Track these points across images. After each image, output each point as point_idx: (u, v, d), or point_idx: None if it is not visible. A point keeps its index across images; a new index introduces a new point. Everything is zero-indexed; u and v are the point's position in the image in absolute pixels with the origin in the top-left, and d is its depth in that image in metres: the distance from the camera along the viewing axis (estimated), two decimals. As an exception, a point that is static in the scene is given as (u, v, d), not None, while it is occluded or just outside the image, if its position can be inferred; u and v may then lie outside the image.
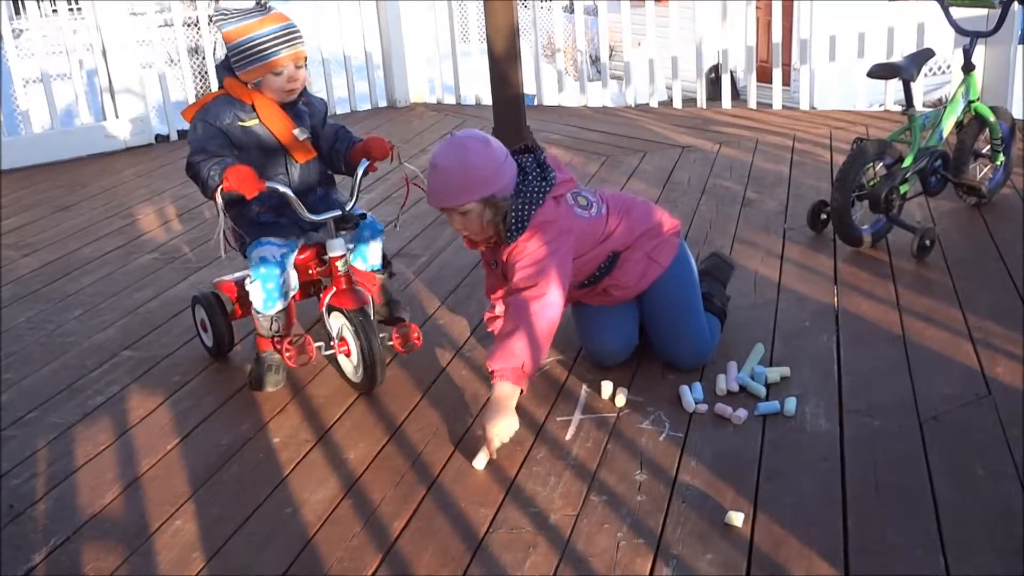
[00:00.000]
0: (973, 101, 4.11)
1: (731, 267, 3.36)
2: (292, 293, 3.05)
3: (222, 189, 2.76)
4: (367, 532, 2.31)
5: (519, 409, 2.72)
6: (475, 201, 2.70)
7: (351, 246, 3.14)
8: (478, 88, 7.72)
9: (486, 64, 6.04)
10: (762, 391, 2.80)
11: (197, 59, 12.06)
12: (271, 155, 2.97)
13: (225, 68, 2.95)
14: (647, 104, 7.56)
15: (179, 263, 4.38)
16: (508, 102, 5.92)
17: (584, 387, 2.93)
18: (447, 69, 7.92)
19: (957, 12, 4.18)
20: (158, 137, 7.19)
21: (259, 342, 3.08)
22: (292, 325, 3.09)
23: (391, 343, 3.06)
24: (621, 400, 2.81)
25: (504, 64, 5.83)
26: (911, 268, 3.67)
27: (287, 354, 2.97)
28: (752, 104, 7.05)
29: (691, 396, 2.78)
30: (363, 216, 3.04)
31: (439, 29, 7.82)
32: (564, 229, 2.76)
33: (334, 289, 2.95)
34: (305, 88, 3.03)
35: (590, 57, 12.85)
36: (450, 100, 7.95)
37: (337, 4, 7.70)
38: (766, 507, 2.29)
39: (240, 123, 2.92)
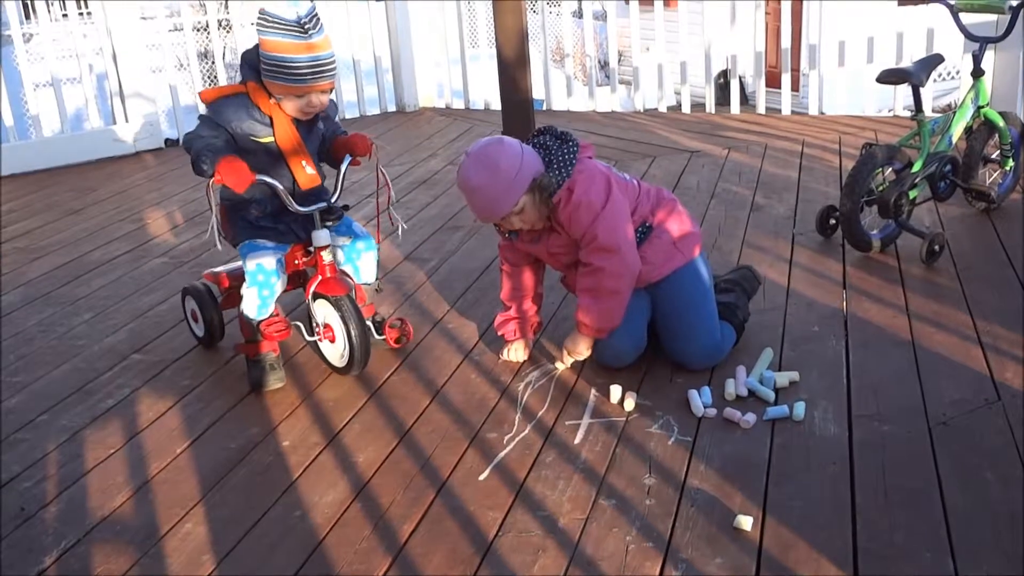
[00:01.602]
0: (982, 106, 4.10)
1: (759, 282, 3.37)
2: (280, 293, 3.12)
3: (213, 182, 2.81)
4: (376, 535, 2.32)
5: (527, 413, 2.75)
6: (524, 195, 2.80)
7: (341, 249, 3.19)
8: (487, 93, 7.73)
9: (495, 69, 6.06)
10: (771, 395, 2.80)
11: (206, 63, 12.13)
12: (277, 171, 2.98)
13: (251, 68, 2.93)
14: (656, 109, 7.56)
15: (188, 267, 4.39)
16: (517, 107, 5.93)
17: (593, 391, 2.93)
18: (456, 74, 7.94)
19: (966, 17, 4.18)
20: (167, 141, 7.21)
21: (246, 348, 3.13)
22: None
23: (383, 337, 3.17)
24: (630, 404, 2.82)
25: (513, 69, 5.85)
26: (920, 273, 3.67)
27: (268, 330, 3.05)
28: (761, 109, 7.05)
29: (700, 400, 2.78)
30: (346, 208, 3.09)
31: (448, 33, 7.84)
32: (607, 181, 2.88)
33: (319, 278, 3.02)
34: None
35: (599, 62, 12.87)
36: (459, 105, 7.96)
37: (346, 7, 7.72)
38: (775, 511, 2.29)
39: (253, 137, 2.93)
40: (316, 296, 3.06)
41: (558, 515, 2.34)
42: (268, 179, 2.89)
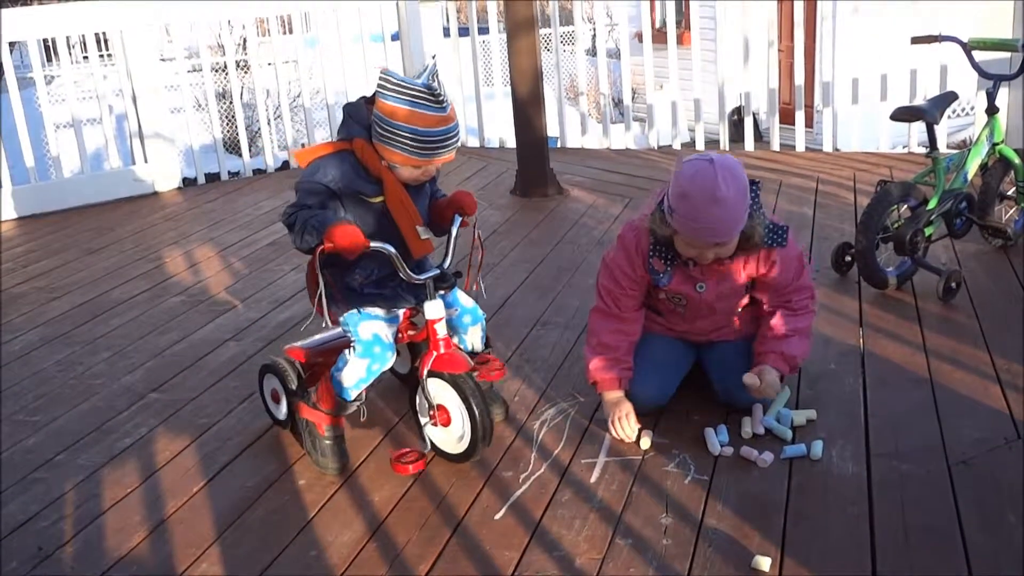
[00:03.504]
0: (997, 143, 4.10)
1: None
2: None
3: (323, 250, 2.52)
4: (392, 575, 2.31)
5: (542, 451, 2.74)
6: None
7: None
8: (502, 131, 7.78)
9: (510, 107, 6.10)
10: (788, 434, 2.78)
11: (224, 103, 12.27)
12: (385, 235, 2.66)
13: (359, 124, 2.65)
14: (670, 146, 7.59)
15: (205, 306, 4.42)
16: (532, 145, 5.97)
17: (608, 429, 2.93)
18: (471, 112, 7.99)
19: (980, 55, 4.19)
20: (185, 181, 7.28)
21: (316, 417, 2.82)
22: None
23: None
24: (646, 443, 2.81)
25: (528, 107, 5.89)
26: (937, 310, 3.66)
27: (411, 467, 2.66)
28: (775, 146, 7.06)
29: (716, 439, 2.77)
30: (458, 275, 2.78)
31: (463, 72, 7.90)
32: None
33: (434, 354, 2.71)
34: None
35: (613, 100, 12.92)
36: (474, 143, 8.01)
37: (362, 46, 7.80)
38: (793, 551, 2.27)
39: (363, 196, 2.67)
40: (431, 374, 2.71)
41: (574, 555, 2.32)
42: (383, 245, 2.58)
